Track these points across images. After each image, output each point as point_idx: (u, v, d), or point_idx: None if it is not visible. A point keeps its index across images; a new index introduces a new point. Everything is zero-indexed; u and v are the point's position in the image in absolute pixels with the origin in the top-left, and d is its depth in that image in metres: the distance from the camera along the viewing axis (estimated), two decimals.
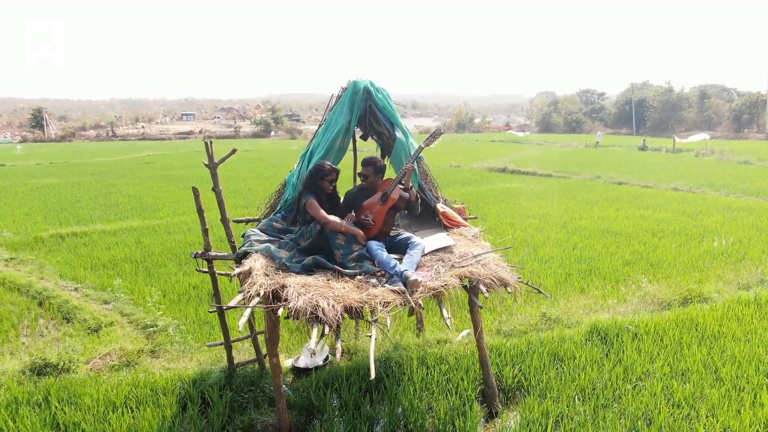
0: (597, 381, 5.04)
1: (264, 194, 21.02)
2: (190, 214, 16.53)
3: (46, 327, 7.82)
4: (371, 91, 4.39)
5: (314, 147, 4.46)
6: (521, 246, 11.69)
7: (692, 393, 4.78)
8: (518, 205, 16.88)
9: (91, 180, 24.83)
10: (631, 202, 16.85)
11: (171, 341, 6.88)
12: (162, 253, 11.45)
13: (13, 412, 4.57)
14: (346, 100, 4.41)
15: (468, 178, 23.85)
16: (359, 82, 4.44)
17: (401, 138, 4.48)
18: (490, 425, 4.71)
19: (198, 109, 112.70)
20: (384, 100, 4.50)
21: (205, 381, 5.08)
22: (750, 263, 10.01)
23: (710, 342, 5.82)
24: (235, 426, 4.55)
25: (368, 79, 4.55)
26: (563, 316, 6.69)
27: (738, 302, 6.85)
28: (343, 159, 4.65)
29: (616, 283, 8.88)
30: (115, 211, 17.25)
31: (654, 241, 11.89)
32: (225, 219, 4.56)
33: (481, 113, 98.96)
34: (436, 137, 4.33)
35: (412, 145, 4.60)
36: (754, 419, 4.32)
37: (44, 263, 10.73)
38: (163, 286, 9.24)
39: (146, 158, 37.27)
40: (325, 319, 3.15)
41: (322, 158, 4.32)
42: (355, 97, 4.40)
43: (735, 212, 14.89)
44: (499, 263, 3.81)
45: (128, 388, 4.90)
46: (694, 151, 31.65)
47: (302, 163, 4.46)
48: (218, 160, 4.57)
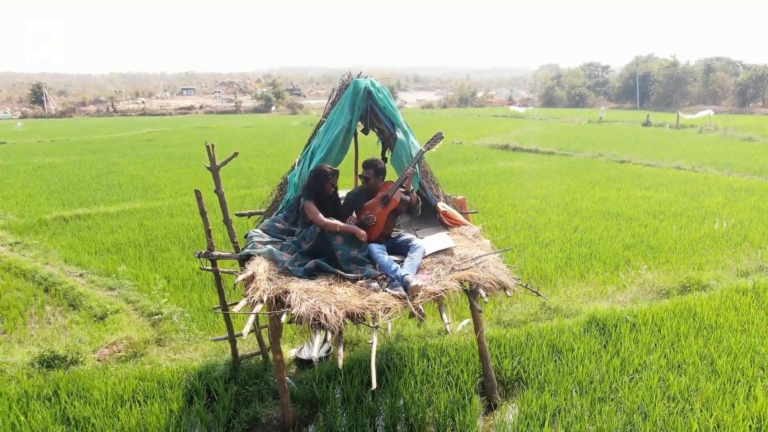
0: (594, 373, 5.13)
1: (265, 173, 21.13)
2: (191, 194, 16.51)
3: (52, 314, 7.94)
4: (372, 92, 4.38)
5: (315, 146, 4.48)
6: (522, 229, 11.74)
7: (688, 386, 4.87)
8: (520, 185, 16.87)
9: (92, 159, 24.79)
10: (633, 182, 16.83)
11: (176, 329, 6.99)
12: (165, 237, 11.53)
13: (24, 407, 4.68)
14: (346, 100, 4.41)
15: (470, 156, 23.77)
16: (360, 81, 4.43)
17: (402, 138, 4.49)
18: (489, 417, 4.82)
19: (198, 84, 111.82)
20: (384, 100, 4.50)
21: (210, 374, 5.19)
22: (749, 247, 10.06)
23: (707, 332, 5.91)
24: (241, 419, 4.66)
25: (368, 79, 4.54)
26: (563, 305, 6.77)
27: (736, 291, 6.92)
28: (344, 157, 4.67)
29: (616, 268, 8.94)
30: (117, 191, 17.29)
31: (655, 223, 11.92)
32: (228, 220, 4.60)
33: (483, 87, 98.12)
34: (437, 141, 4.35)
35: (413, 144, 4.62)
36: (747, 413, 4.42)
37: (49, 248, 10.82)
38: (166, 272, 9.33)
39: (147, 135, 37.13)
40: (328, 325, 3.22)
41: (324, 158, 4.34)
42: (356, 96, 4.39)
43: (736, 192, 14.88)
44: (498, 265, 3.87)
45: (135, 382, 5.01)
46: (698, 127, 31.42)
47: (303, 162, 4.48)
48: (220, 162, 4.58)
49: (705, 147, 23.84)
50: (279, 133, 38.94)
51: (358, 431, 4.36)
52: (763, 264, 8.16)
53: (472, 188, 16.36)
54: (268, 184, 18.26)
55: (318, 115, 51.73)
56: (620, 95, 67.98)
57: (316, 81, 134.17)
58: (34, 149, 28.87)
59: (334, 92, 5.34)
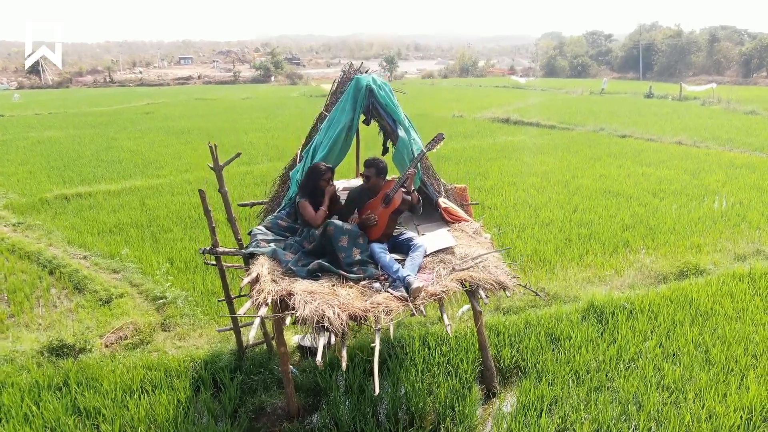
0: (591, 362, 5.25)
1: (265, 149, 21.07)
2: (192, 171, 16.59)
3: (58, 297, 8.06)
4: (373, 89, 4.37)
5: (317, 144, 4.49)
6: (522, 208, 11.80)
7: (682, 375, 5.00)
8: (520, 161, 16.86)
9: (91, 133, 24.68)
10: (633, 159, 16.81)
11: (180, 314, 7.10)
12: (167, 217, 11.59)
13: (35, 397, 4.82)
14: (348, 97, 4.40)
15: (471, 130, 23.66)
16: (362, 79, 4.41)
17: (403, 136, 4.51)
18: (488, 405, 4.96)
19: (195, 53, 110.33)
20: (386, 98, 4.49)
21: (216, 363, 5.31)
22: (748, 228, 10.13)
23: (702, 320, 6.01)
24: (247, 408, 4.80)
25: (370, 75, 4.52)
26: (561, 291, 6.87)
27: (732, 277, 7.01)
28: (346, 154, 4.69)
29: (615, 250, 9.02)
30: (117, 168, 17.28)
31: (655, 202, 11.96)
32: (231, 218, 4.65)
33: (485, 55, 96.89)
34: (438, 142, 4.36)
35: (414, 140, 4.64)
36: (738, 404, 4.54)
37: (52, 228, 10.89)
38: (169, 254, 9.42)
39: (146, 107, 36.86)
40: (331, 327, 3.30)
41: (326, 155, 4.37)
42: (358, 94, 4.39)
43: (737, 170, 14.89)
44: (498, 264, 3.93)
45: (143, 372, 5.14)
46: (701, 99, 31.18)
47: (306, 159, 4.51)
48: (223, 162, 4.61)
49: (707, 121, 23.71)
50: (278, 105, 38.65)
51: (360, 420, 4.50)
52: (761, 248, 8.24)
53: (473, 165, 16.36)
54: (269, 160, 18.26)
55: (318, 86, 51.02)
56: (623, 65, 67.18)
57: (315, 50, 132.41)
58: (32, 122, 28.68)
59: (335, 84, 5.32)
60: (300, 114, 31.13)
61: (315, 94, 46.51)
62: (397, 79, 70.73)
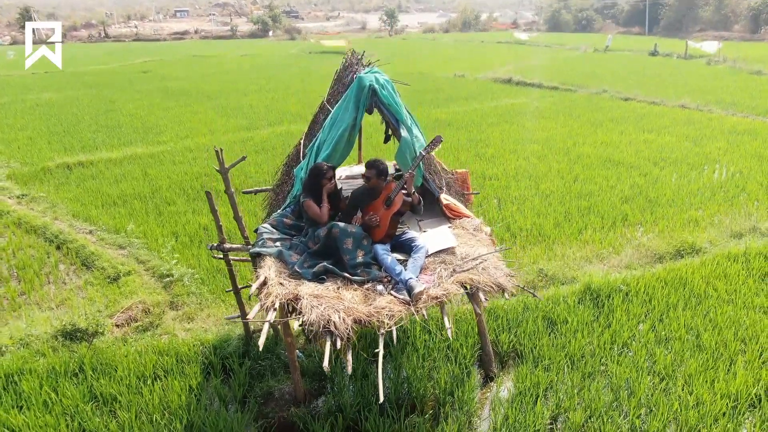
0: (586, 348, 5.45)
1: (265, 112, 20.91)
2: (193, 137, 16.55)
3: (67, 274, 8.23)
4: (376, 89, 4.38)
5: (321, 142, 4.54)
6: (523, 178, 11.86)
7: (673, 361, 5.20)
8: (521, 127, 16.79)
9: (89, 95, 24.44)
10: (635, 124, 16.73)
11: (187, 292, 7.28)
12: (170, 188, 11.67)
13: (53, 383, 5.03)
14: (351, 95, 4.42)
15: (472, 92, 23.43)
16: (364, 78, 4.42)
17: (406, 137, 4.55)
18: (486, 389, 5.18)
19: (191, 5, 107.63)
20: (389, 97, 4.51)
21: (224, 348, 5.51)
22: (746, 200, 10.22)
23: (695, 303, 6.19)
24: (255, 394, 5.02)
25: (373, 74, 4.52)
26: (558, 271, 7.02)
27: (727, 257, 7.15)
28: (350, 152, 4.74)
29: (613, 224, 9.14)
30: (117, 134, 17.24)
31: (655, 172, 12.01)
32: (237, 217, 4.74)
33: (487, 7, 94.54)
34: (436, 145, 4.41)
35: (416, 137, 4.68)
36: (725, 391, 4.75)
37: (56, 201, 10.99)
38: (173, 227, 9.55)
39: (143, 65, 36.33)
40: (337, 332, 3.45)
41: (330, 155, 4.43)
42: (361, 93, 4.41)
43: (739, 136, 14.85)
44: (498, 265, 4.05)
45: (155, 357, 5.34)
46: (706, 57, 30.66)
47: (309, 156, 4.56)
48: (228, 165, 4.67)
49: (711, 82, 23.42)
50: (277, 63, 38.07)
51: (365, 408, 4.71)
52: (757, 225, 8.35)
53: (474, 131, 16.31)
54: (269, 125, 18.17)
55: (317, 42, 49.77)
56: (629, 19, 65.58)
57: (314, 2, 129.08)
58: (29, 83, 28.33)
59: (336, 73, 5.32)
60: (299, 74, 30.73)
61: (314, 50, 45.73)
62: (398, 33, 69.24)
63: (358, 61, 5.41)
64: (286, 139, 15.92)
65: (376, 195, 4.32)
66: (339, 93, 5.24)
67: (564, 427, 4.56)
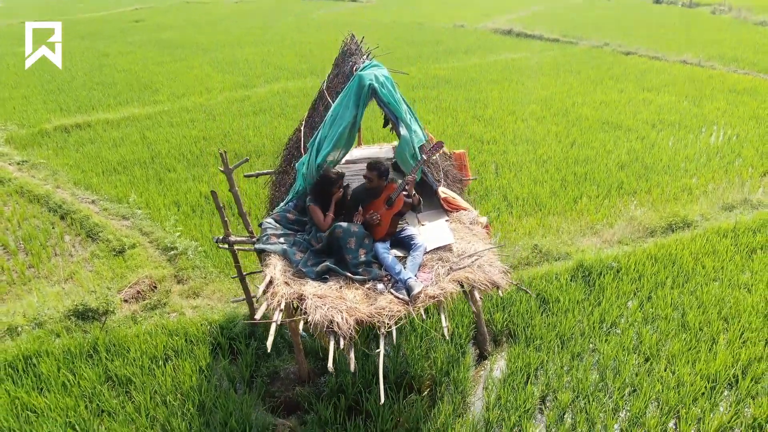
0: (576, 327, 5.71)
1: (262, 67, 20.61)
2: (189, 96, 16.41)
3: (72, 245, 8.42)
4: (376, 88, 4.42)
5: (322, 138, 4.61)
6: (521, 143, 11.91)
7: (658, 341, 5.47)
8: (521, 85, 16.66)
9: (81, 47, 23.96)
10: (636, 82, 16.60)
11: (192, 266, 7.49)
12: (169, 153, 11.71)
13: (70, 364, 5.30)
14: (351, 94, 4.46)
15: (472, 45, 23.02)
16: (364, 77, 4.44)
17: (405, 135, 4.62)
18: (480, 367, 5.47)
19: None
20: (388, 96, 4.54)
21: (231, 329, 5.76)
22: (741, 166, 10.34)
23: (683, 280, 6.42)
24: (262, 373, 5.30)
25: (372, 70, 4.54)
26: (552, 247, 7.21)
27: (717, 233, 7.33)
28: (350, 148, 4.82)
29: (608, 193, 9.29)
30: (113, 92, 17.07)
31: (652, 135, 12.06)
32: (242, 212, 4.87)
33: None
34: (437, 150, 4.50)
35: (416, 132, 4.75)
36: (705, 372, 5.04)
37: (56, 168, 11.06)
38: (175, 196, 9.67)
39: (134, 14, 35.40)
40: (340, 332, 3.66)
41: (330, 151, 4.51)
42: (361, 92, 4.44)
43: (739, 96, 14.79)
44: (493, 262, 4.22)
45: (165, 338, 5.59)
46: (712, 6, 29.96)
47: (311, 152, 4.64)
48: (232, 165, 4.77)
49: (715, 35, 22.99)
50: (272, 8, 37.12)
51: (365, 389, 5.01)
52: (749, 197, 8.50)
53: (473, 90, 16.18)
54: (266, 82, 17.97)
55: None
56: None
57: None
58: (19, 34, 27.59)
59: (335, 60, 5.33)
60: (296, 23, 30.02)
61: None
62: None
63: (358, 48, 5.40)
64: (283, 98, 15.81)
65: (378, 194, 4.45)
66: (339, 84, 5.27)
67: (552, 406, 4.86)
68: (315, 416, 4.79)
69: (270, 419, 4.82)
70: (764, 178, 9.85)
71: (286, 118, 13.65)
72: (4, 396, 4.90)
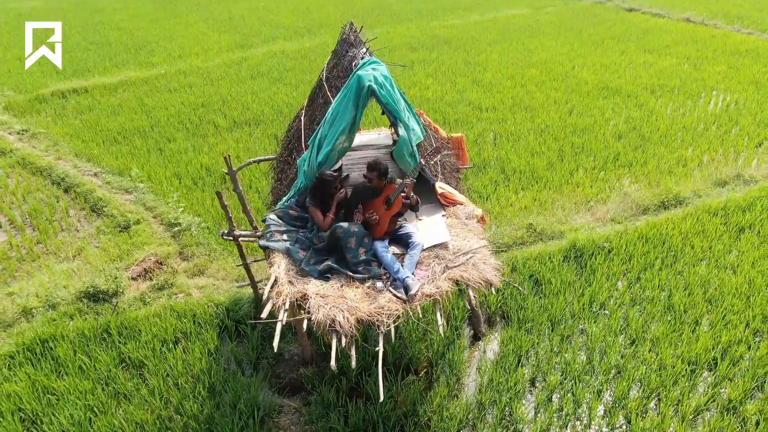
0: (567, 310, 5.97)
1: (259, 26, 20.26)
2: (186, 58, 16.24)
3: (78, 220, 8.60)
4: (375, 90, 4.47)
5: (322, 137, 4.70)
6: (519, 110, 11.94)
7: (643, 324, 5.74)
8: (521, 46, 16.47)
9: (73, 2, 23.46)
10: (637, 42, 16.41)
11: (196, 243, 7.70)
12: (168, 122, 11.74)
13: (85, 347, 5.57)
14: (351, 95, 4.52)
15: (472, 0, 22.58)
16: (363, 78, 4.48)
17: (403, 135, 4.71)
18: (474, 348, 5.76)
19: None
20: (387, 96, 4.61)
21: (237, 312, 6.02)
22: (738, 136, 10.42)
23: (672, 261, 6.65)
24: (267, 355, 5.59)
25: (372, 67, 4.58)
26: (547, 226, 7.41)
27: (708, 212, 7.51)
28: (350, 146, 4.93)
29: (605, 165, 9.42)
30: (108, 53, 16.88)
31: (651, 102, 12.07)
32: (246, 210, 5.02)
33: None
34: (436, 154, 4.60)
35: (413, 130, 4.83)
36: (687, 355, 5.33)
37: (57, 138, 11.11)
38: (176, 168, 9.79)
39: None
40: (342, 330, 3.89)
41: (331, 150, 4.62)
42: (360, 93, 4.50)
43: (741, 59, 14.67)
44: (486, 260, 4.41)
45: (174, 321, 5.85)
46: None
47: (312, 149, 4.75)
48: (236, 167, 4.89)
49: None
50: None
51: (365, 369, 5.30)
52: (741, 172, 8.64)
53: (473, 51, 16.01)
54: (263, 42, 17.74)
55: None
56: None
57: None
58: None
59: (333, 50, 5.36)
60: None
61: None
62: None
63: (357, 38, 5.43)
64: (281, 60, 15.66)
65: (378, 193, 4.60)
66: (338, 76, 5.32)
67: (542, 388, 5.17)
68: (318, 397, 5.10)
69: (276, 400, 5.14)
70: (759, 149, 9.96)
71: (284, 83, 13.59)
72: (26, 379, 5.19)
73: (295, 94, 12.84)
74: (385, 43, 16.90)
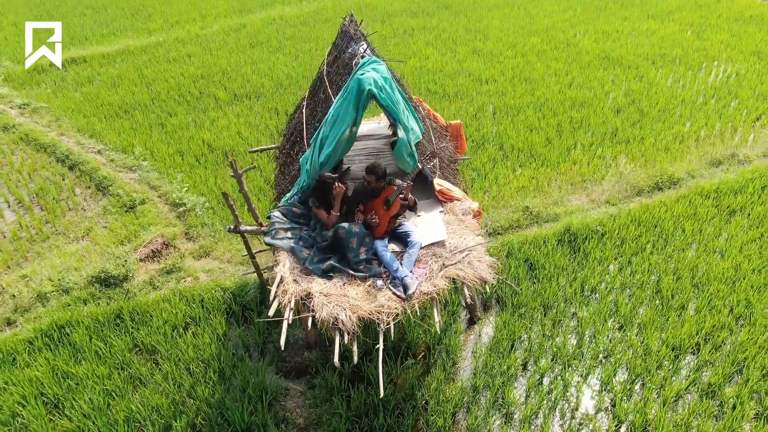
0: (559, 294, 6.22)
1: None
2: (183, 24, 16.07)
3: (84, 199, 8.78)
4: (375, 93, 4.56)
5: (324, 137, 4.83)
6: (519, 83, 11.93)
7: (632, 309, 6.00)
8: (523, 11, 16.26)
9: None
10: (641, 7, 16.20)
11: (201, 223, 7.91)
12: (168, 95, 11.77)
13: (99, 333, 5.85)
14: (351, 98, 4.61)
15: None
16: (363, 81, 4.56)
17: (402, 137, 4.82)
18: (470, 332, 6.05)
19: None
20: (387, 99, 4.69)
21: (243, 297, 6.27)
22: (736, 110, 10.47)
23: (663, 245, 6.86)
24: (273, 339, 5.88)
25: (371, 75, 4.64)
26: (543, 209, 7.59)
27: (700, 193, 7.68)
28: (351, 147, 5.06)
29: (602, 141, 9.53)
30: (104, 18, 16.68)
31: (651, 73, 12.05)
32: (251, 208, 5.18)
33: None
34: (432, 159, 4.73)
35: (412, 129, 4.96)
36: (672, 341, 5.61)
37: (58, 113, 11.17)
38: (178, 145, 9.90)
39: None
40: (344, 328, 4.14)
41: (333, 151, 4.76)
42: (360, 96, 4.60)
43: (744, 26, 14.52)
44: (481, 258, 4.61)
45: (184, 307, 6.12)
46: None
47: (314, 148, 4.88)
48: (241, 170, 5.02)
49: None
50: None
51: (366, 354, 5.60)
52: (736, 151, 8.76)
53: (473, 17, 15.82)
54: (261, 7, 17.48)
55: None
56: None
57: None
58: None
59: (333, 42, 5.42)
60: None
61: None
62: None
63: (357, 32, 5.48)
64: (280, 26, 15.50)
65: (377, 194, 4.78)
66: (339, 74, 5.40)
67: (533, 371, 5.48)
68: (322, 381, 5.41)
69: (283, 383, 5.45)
70: (756, 124, 10.04)
71: (283, 53, 13.52)
72: (45, 364, 5.49)
73: (295, 64, 12.79)
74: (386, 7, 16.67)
